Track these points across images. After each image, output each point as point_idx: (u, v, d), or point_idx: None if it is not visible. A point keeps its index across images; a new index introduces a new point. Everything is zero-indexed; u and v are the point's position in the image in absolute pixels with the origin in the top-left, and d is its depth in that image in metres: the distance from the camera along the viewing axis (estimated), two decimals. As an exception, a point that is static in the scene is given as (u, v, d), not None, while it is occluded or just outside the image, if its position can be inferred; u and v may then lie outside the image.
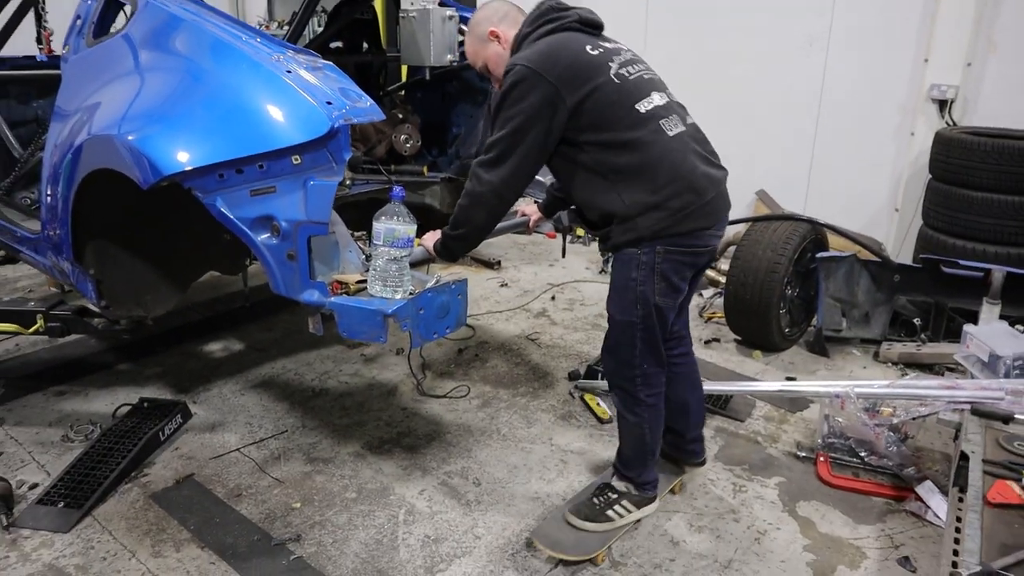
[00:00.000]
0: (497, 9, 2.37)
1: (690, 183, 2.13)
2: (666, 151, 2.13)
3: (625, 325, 2.28)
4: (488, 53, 2.36)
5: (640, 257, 2.17)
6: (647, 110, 2.15)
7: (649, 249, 2.16)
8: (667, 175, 2.11)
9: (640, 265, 2.18)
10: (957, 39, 4.52)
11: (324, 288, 2.16)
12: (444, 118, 3.93)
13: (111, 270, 2.73)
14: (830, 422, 2.91)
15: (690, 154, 2.17)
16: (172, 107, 2.19)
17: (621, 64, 2.18)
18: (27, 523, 2.52)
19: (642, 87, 2.18)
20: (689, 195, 2.13)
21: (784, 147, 5.33)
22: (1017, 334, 2.92)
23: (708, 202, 2.17)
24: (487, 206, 2.20)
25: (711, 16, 5.52)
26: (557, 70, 2.07)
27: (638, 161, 2.11)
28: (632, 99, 2.14)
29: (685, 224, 2.15)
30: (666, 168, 2.11)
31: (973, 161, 4.02)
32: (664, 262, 2.18)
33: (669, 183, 2.11)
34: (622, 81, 2.14)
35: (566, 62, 2.09)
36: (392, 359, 3.80)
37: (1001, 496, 2.02)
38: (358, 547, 2.45)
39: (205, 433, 3.09)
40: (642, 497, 2.51)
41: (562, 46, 2.14)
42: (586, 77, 2.09)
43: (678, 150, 2.15)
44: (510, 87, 2.09)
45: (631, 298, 2.23)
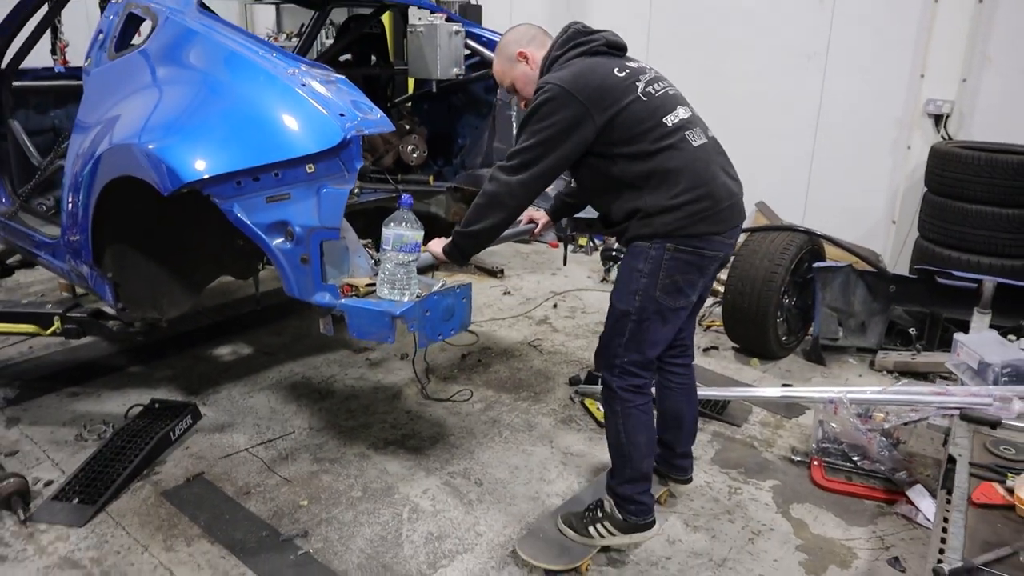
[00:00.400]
0: (525, 32, 2.48)
1: (710, 190, 2.25)
2: (690, 159, 2.25)
3: (620, 313, 2.35)
4: (516, 73, 2.46)
5: (650, 251, 2.26)
6: (674, 123, 2.26)
7: (659, 245, 2.25)
8: (689, 181, 2.22)
9: (648, 259, 2.27)
10: (953, 55, 4.63)
11: (335, 290, 2.25)
12: (450, 129, 4.03)
13: (128, 274, 2.82)
14: (824, 427, 2.98)
15: (712, 164, 2.29)
16: (192, 118, 2.30)
17: (647, 83, 2.29)
18: (43, 518, 2.60)
19: (668, 102, 2.29)
20: (707, 200, 2.24)
21: (783, 160, 5.42)
22: (1006, 343, 2.99)
23: (723, 209, 2.28)
24: (503, 207, 2.29)
25: (711, 34, 5.64)
26: (587, 91, 2.17)
27: (663, 167, 2.22)
28: (660, 113, 2.25)
29: (698, 227, 2.25)
30: (689, 174, 2.23)
31: (967, 174, 4.11)
32: (671, 259, 2.26)
33: (690, 188, 2.22)
34: (649, 98, 2.25)
35: (596, 83, 2.20)
36: (397, 363, 3.88)
37: (985, 497, 2.09)
38: (363, 543, 2.53)
39: (214, 433, 3.18)
40: (626, 523, 2.44)
41: (591, 69, 2.24)
42: (615, 98, 2.20)
43: (701, 159, 2.27)
44: (541, 103, 2.19)
45: (632, 288, 2.31)
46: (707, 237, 2.28)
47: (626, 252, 2.36)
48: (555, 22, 2.44)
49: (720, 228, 2.30)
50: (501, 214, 2.31)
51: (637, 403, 2.39)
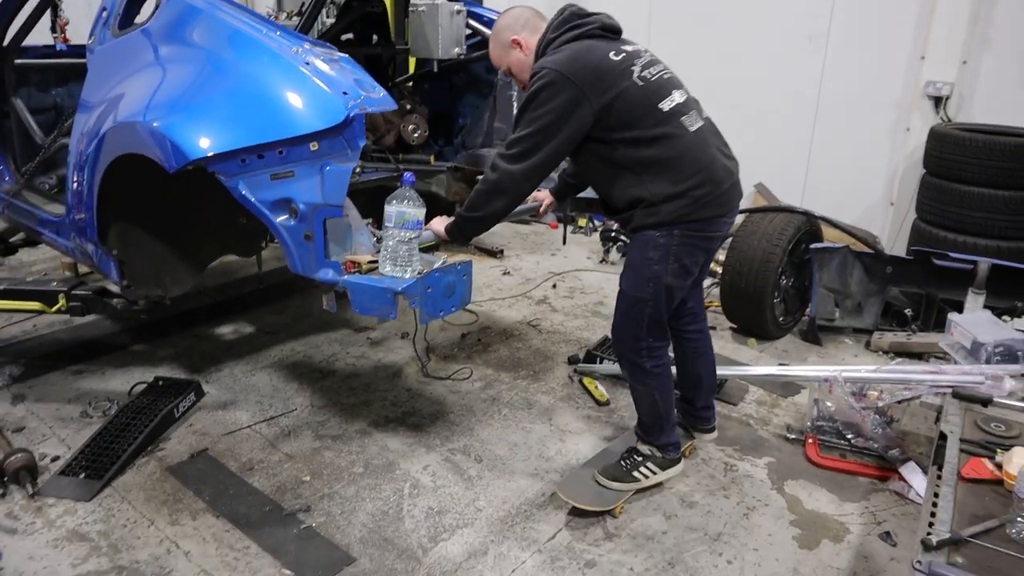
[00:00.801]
0: (518, 16, 2.49)
1: (710, 174, 2.31)
2: (689, 145, 2.29)
3: (635, 300, 2.44)
4: (511, 59, 2.50)
5: (658, 239, 2.33)
6: (670, 108, 2.30)
7: (667, 232, 2.32)
8: (690, 167, 2.28)
9: (657, 247, 2.34)
10: (953, 37, 4.63)
11: (338, 267, 2.28)
12: (451, 109, 4.04)
13: (133, 251, 2.85)
14: (819, 406, 3.02)
15: (710, 147, 2.34)
16: (196, 96, 2.31)
17: (643, 67, 2.32)
18: (51, 492, 2.64)
19: (663, 87, 2.33)
20: (709, 185, 2.30)
21: (783, 141, 5.44)
22: (999, 322, 3.03)
23: (725, 191, 2.35)
24: (506, 195, 2.35)
25: (712, 16, 5.63)
26: (583, 74, 2.21)
27: (664, 155, 2.27)
28: (655, 99, 2.29)
29: (703, 211, 2.32)
30: (689, 161, 2.28)
31: (966, 157, 4.13)
32: (680, 245, 2.34)
33: (692, 175, 2.28)
34: (645, 83, 2.29)
35: (592, 67, 2.23)
36: (397, 342, 3.92)
37: (975, 472, 2.14)
38: (365, 518, 2.58)
39: (218, 411, 3.22)
40: (665, 459, 2.67)
41: (587, 51, 2.27)
42: (611, 81, 2.23)
43: (699, 144, 2.31)
44: (538, 89, 2.22)
45: (645, 276, 2.39)
46: (712, 219, 2.36)
47: (633, 239, 2.42)
48: (555, 4, 2.44)
49: (723, 211, 2.37)
50: (504, 201, 2.36)
51: (665, 371, 2.58)
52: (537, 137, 2.24)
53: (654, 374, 2.54)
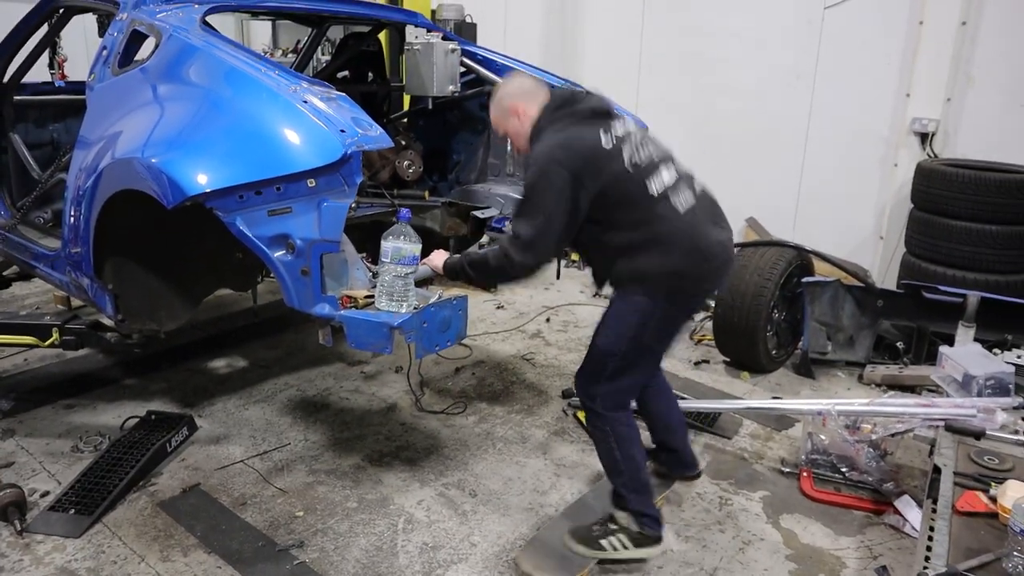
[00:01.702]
0: (521, 84, 2.53)
1: (704, 253, 2.32)
2: (679, 225, 2.30)
3: (604, 354, 2.42)
4: (509, 126, 2.53)
5: (643, 304, 2.33)
6: (659, 191, 2.31)
7: (657, 303, 2.32)
8: (681, 248, 2.29)
9: (641, 312, 2.33)
10: (937, 75, 4.73)
11: (335, 302, 2.29)
12: (445, 145, 4.09)
13: (128, 286, 2.85)
14: (813, 439, 3.03)
15: (700, 225, 2.34)
16: (195, 133, 2.35)
17: (632, 151, 2.33)
18: (39, 528, 2.61)
19: (651, 168, 2.34)
20: (703, 263, 2.32)
21: (773, 176, 5.51)
22: (990, 355, 3.06)
23: (719, 266, 2.38)
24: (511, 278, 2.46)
25: (702, 54, 5.74)
26: (577, 162, 2.24)
27: (653, 236, 2.29)
28: (644, 181, 2.31)
29: (695, 287, 2.38)
30: (678, 241, 2.29)
31: (952, 191, 4.19)
32: (664, 315, 2.35)
33: (684, 256, 2.29)
34: (635, 170, 2.31)
35: (584, 154, 2.27)
36: (391, 376, 3.91)
37: (969, 505, 2.15)
38: (359, 553, 2.56)
39: (210, 445, 3.20)
40: (642, 535, 2.49)
41: (579, 140, 2.30)
42: (603, 167, 2.27)
43: (690, 223, 2.32)
44: (536, 178, 2.26)
45: (622, 334, 2.37)
46: (700, 295, 2.42)
47: (615, 294, 2.41)
48: (549, 41, 2.52)
49: (713, 284, 2.43)
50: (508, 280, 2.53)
51: (622, 419, 2.48)
52: (541, 227, 2.26)
53: (608, 418, 2.46)
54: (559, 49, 6.41)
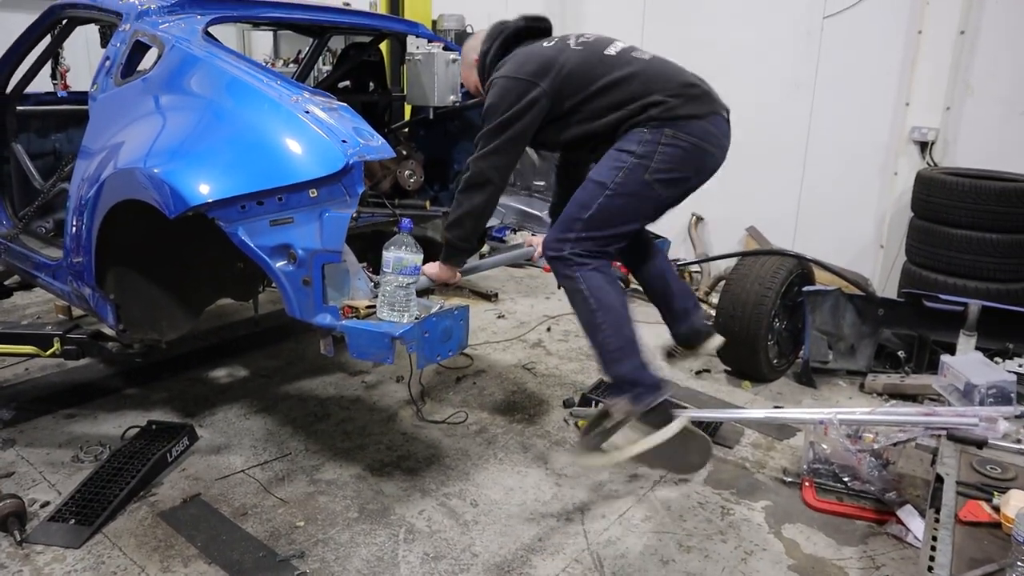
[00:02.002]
0: (477, 35, 2.76)
1: (681, 79, 2.42)
2: (647, 68, 2.42)
3: (596, 185, 2.33)
4: (474, 77, 2.74)
5: (645, 135, 2.32)
6: (617, 52, 2.46)
7: (656, 130, 2.32)
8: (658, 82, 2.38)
9: (643, 142, 2.31)
10: (936, 83, 4.75)
11: (336, 312, 2.29)
12: (446, 155, 4.10)
13: (130, 295, 2.86)
14: (815, 448, 3.03)
15: (668, 66, 2.48)
16: (197, 143, 2.35)
17: (576, 38, 2.51)
18: (39, 539, 2.60)
19: (602, 41, 2.51)
20: (684, 87, 2.40)
21: (773, 186, 5.52)
22: (991, 364, 3.06)
23: (702, 93, 2.43)
24: (480, 189, 2.47)
25: (701, 63, 5.72)
26: (528, 69, 2.41)
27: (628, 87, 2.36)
28: (599, 51, 2.46)
29: (685, 108, 2.35)
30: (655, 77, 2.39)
31: (952, 200, 4.20)
32: (668, 145, 2.29)
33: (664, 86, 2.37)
34: (584, 46, 2.47)
35: (534, 60, 2.44)
36: (392, 386, 3.91)
37: (972, 515, 2.14)
38: (360, 564, 2.55)
39: (211, 455, 3.19)
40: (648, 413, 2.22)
41: (525, 54, 2.49)
42: (552, 61, 2.42)
43: (659, 65, 2.46)
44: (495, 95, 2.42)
45: (617, 165, 2.32)
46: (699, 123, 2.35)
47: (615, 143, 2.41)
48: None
49: (704, 109, 2.40)
50: (477, 198, 2.47)
51: (594, 265, 2.28)
52: (498, 130, 2.40)
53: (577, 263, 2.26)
54: (559, 59, 6.41)
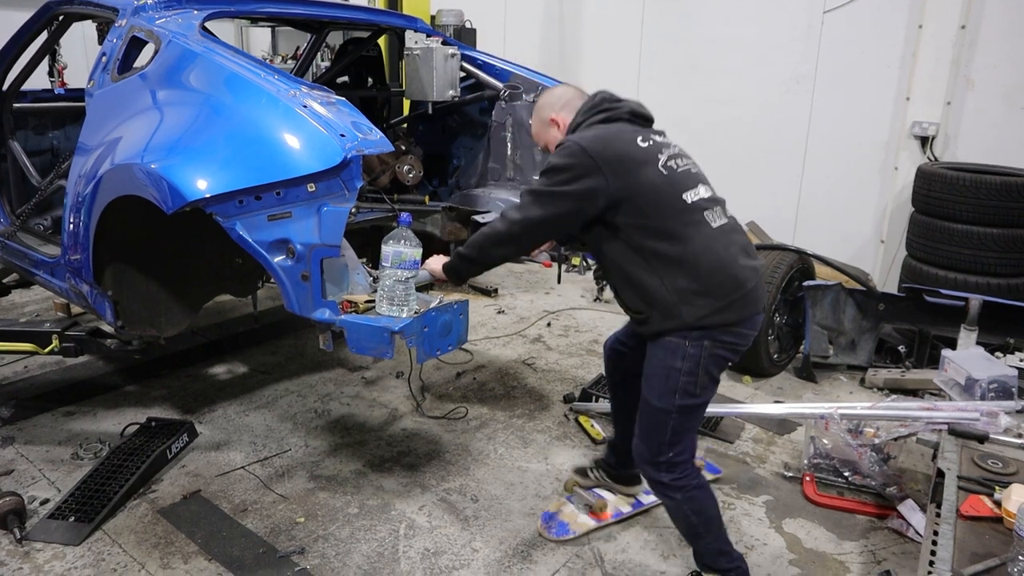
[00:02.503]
0: (561, 95, 2.45)
1: (733, 274, 2.16)
2: (710, 241, 2.16)
3: (660, 412, 2.24)
4: (548, 137, 2.45)
5: (687, 349, 2.17)
6: (693, 201, 2.18)
7: (697, 344, 2.16)
8: (710, 265, 2.14)
9: (686, 357, 2.17)
10: (937, 78, 4.74)
11: (335, 307, 2.28)
12: (445, 150, 4.09)
13: (128, 292, 2.84)
14: (815, 443, 3.02)
15: (732, 246, 2.21)
16: (194, 138, 2.34)
17: (669, 157, 2.23)
18: (39, 536, 2.60)
19: (689, 179, 2.23)
20: (731, 284, 2.15)
21: (774, 181, 5.51)
22: (992, 359, 3.05)
23: (749, 292, 2.19)
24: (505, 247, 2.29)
25: (701, 59, 5.75)
26: (606, 155, 2.13)
27: (681, 249, 2.14)
28: (679, 189, 2.18)
29: (729, 314, 2.15)
30: (710, 258, 2.14)
31: (953, 195, 4.19)
32: (709, 357, 2.18)
33: (713, 273, 2.14)
34: (670, 173, 2.19)
35: (616, 150, 2.16)
36: (392, 382, 3.90)
37: (973, 509, 2.13)
38: (360, 559, 2.54)
39: (211, 451, 3.19)
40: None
41: (615, 135, 2.22)
42: (635, 166, 2.15)
43: (721, 241, 2.18)
44: (562, 166, 2.15)
45: (672, 387, 2.20)
46: (739, 326, 2.20)
47: (654, 344, 2.25)
48: (548, 47, 2.51)
49: (747, 312, 2.20)
50: (502, 252, 2.32)
51: (693, 483, 2.31)
52: (546, 201, 2.17)
53: (676, 487, 2.28)
54: (558, 55, 6.42)
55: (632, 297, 2.24)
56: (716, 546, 2.36)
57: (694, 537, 2.36)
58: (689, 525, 2.34)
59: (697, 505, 2.31)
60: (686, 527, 2.36)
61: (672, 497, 2.31)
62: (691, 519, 2.32)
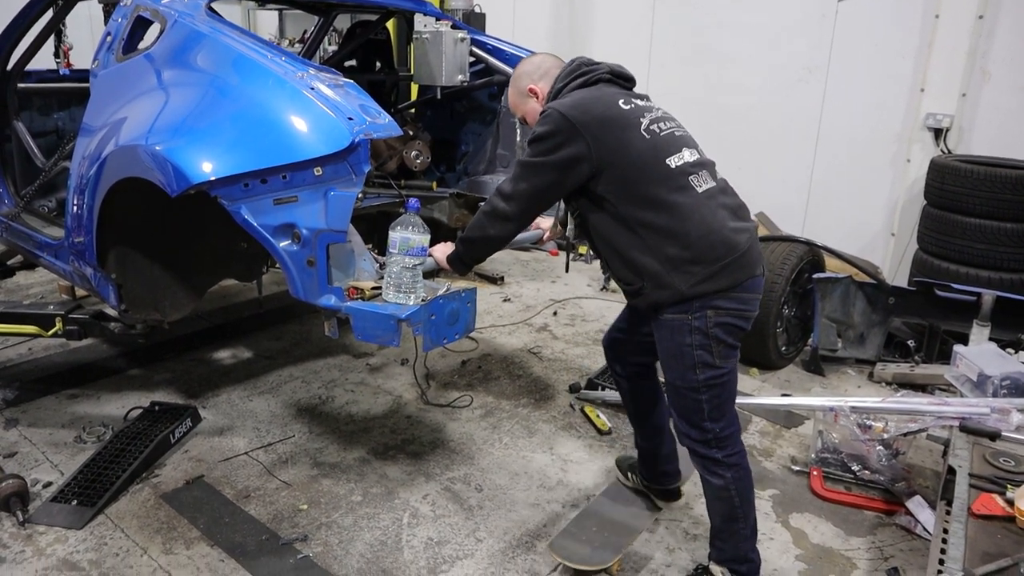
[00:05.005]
0: (539, 64, 2.41)
1: (723, 238, 2.11)
2: (696, 207, 2.11)
3: (688, 391, 2.21)
4: (527, 108, 2.42)
5: (692, 323, 2.13)
6: (677, 166, 2.13)
7: (700, 316, 2.12)
8: (698, 231, 2.09)
9: (693, 331, 2.13)
10: (952, 70, 4.66)
11: (341, 293, 2.26)
12: (453, 136, 4.05)
13: (132, 275, 2.82)
14: (823, 437, 2.99)
15: (719, 208, 2.15)
16: (200, 120, 2.31)
17: (652, 120, 2.18)
18: (42, 520, 2.59)
19: (673, 143, 2.17)
20: (722, 249, 2.10)
21: (784, 172, 5.45)
22: (1005, 355, 3.01)
23: (742, 255, 2.13)
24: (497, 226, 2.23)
25: (713, 47, 5.68)
26: (586, 120, 2.09)
27: (667, 217, 2.10)
28: (662, 154, 2.13)
29: (723, 280, 2.10)
30: (697, 224, 2.09)
31: (967, 188, 4.13)
32: (716, 327, 2.13)
33: (702, 239, 2.09)
34: (652, 136, 2.14)
35: (597, 113, 2.12)
36: (397, 369, 3.88)
37: (985, 508, 2.10)
38: (363, 548, 2.53)
39: (214, 437, 3.17)
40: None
41: (595, 99, 2.17)
42: (617, 131, 2.11)
43: (708, 206, 2.13)
44: (544, 134, 2.11)
45: (689, 364, 2.17)
46: (738, 295, 2.14)
47: (657, 324, 2.21)
48: (558, 32, 2.46)
49: (743, 276, 2.14)
50: (497, 230, 2.24)
51: (745, 462, 2.28)
52: (531, 173, 2.13)
53: (728, 464, 2.24)
54: (568, 40, 6.33)
55: (621, 268, 2.22)
56: (746, 533, 2.30)
57: (731, 521, 2.29)
58: (731, 508, 2.27)
59: (744, 486, 2.26)
60: (727, 511, 2.28)
61: (723, 476, 2.24)
62: (735, 501, 2.25)
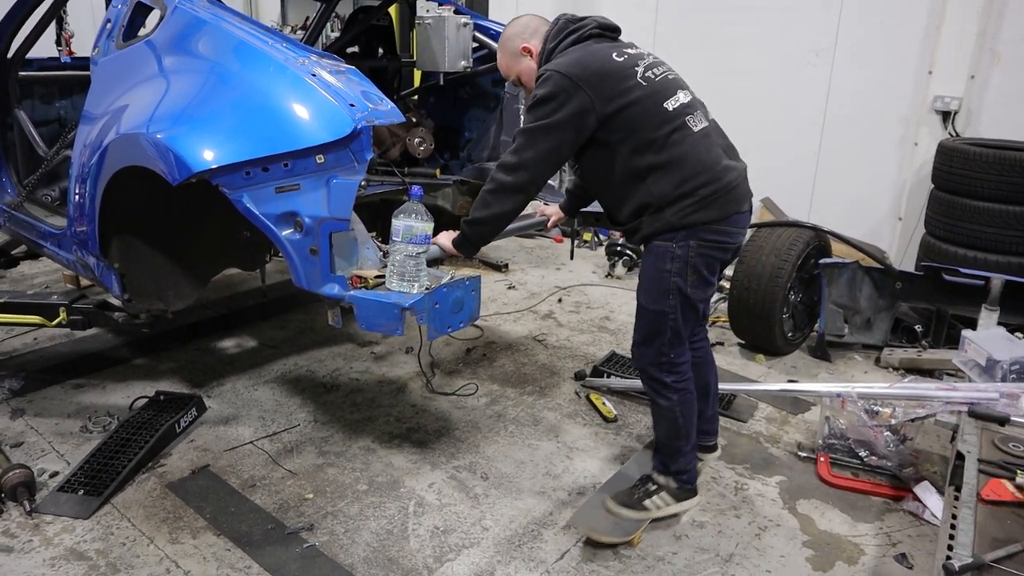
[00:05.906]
0: (527, 24, 2.48)
1: (715, 173, 2.27)
2: (693, 145, 2.26)
3: (657, 314, 2.38)
4: (521, 68, 2.48)
5: (675, 250, 2.30)
6: (674, 108, 2.27)
7: (684, 244, 2.29)
8: (693, 167, 2.24)
9: (674, 258, 2.30)
10: (961, 51, 4.61)
11: (344, 282, 2.24)
12: (456, 122, 4.01)
13: (135, 265, 2.81)
14: (831, 423, 2.98)
15: (714, 147, 2.32)
16: (201, 107, 2.29)
17: (646, 67, 2.30)
18: (49, 509, 2.59)
19: (668, 86, 2.31)
20: (714, 184, 2.26)
21: (790, 156, 5.41)
22: (1014, 340, 2.99)
23: (731, 190, 2.30)
24: (508, 197, 2.31)
25: (718, 30, 5.62)
26: (587, 76, 2.19)
27: (667, 157, 2.24)
28: (660, 98, 2.27)
29: (711, 211, 2.27)
30: (692, 161, 2.25)
31: (975, 171, 4.09)
32: (697, 256, 2.30)
33: (696, 174, 2.24)
34: (649, 83, 2.27)
35: (595, 69, 2.22)
36: (402, 357, 3.87)
37: (995, 494, 2.08)
38: (369, 537, 2.53)
39: (219, 426, 3.17)
40: (681, 490, 2.60)
41: (591, 55, 2.26)
42: (616, 83, 2.22)
43: (703, 143, 2.29)
44: (546, 96, 2.20)
45: (664, 288, 2.34)
46: (723, 223, 2.31)
47: (646, 251, 2.38)
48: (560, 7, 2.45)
49: (730, 210, 2.32)
50: (507, 204, 2.32)
51: (687, 386, 2.50)
52: (539, 139, 2.22)
53: (676, 388, 2.48)
54: (572, 25, 6.27)
55: (623, 211, 2.36)
56: (687, 449, 2.56)
57: (674, 439, 2.54)
58: (675, 427, 2.51)
59: (688, 408, 2.51)
60: (671, 429, 2.52)
61: (669, 398, 2.48)
62: (679, 421, 2.50)
